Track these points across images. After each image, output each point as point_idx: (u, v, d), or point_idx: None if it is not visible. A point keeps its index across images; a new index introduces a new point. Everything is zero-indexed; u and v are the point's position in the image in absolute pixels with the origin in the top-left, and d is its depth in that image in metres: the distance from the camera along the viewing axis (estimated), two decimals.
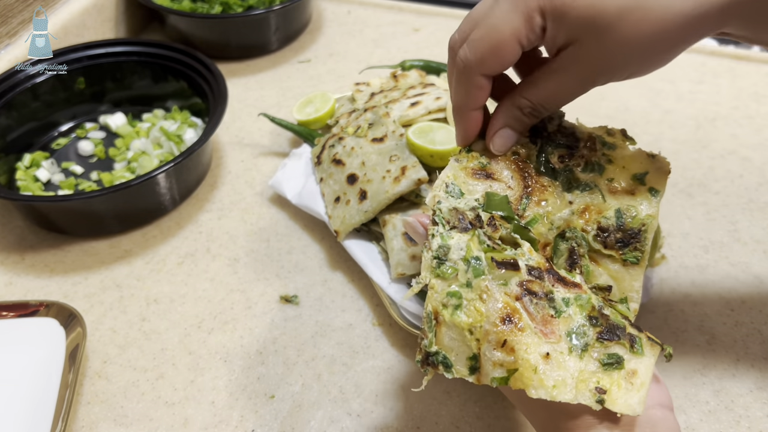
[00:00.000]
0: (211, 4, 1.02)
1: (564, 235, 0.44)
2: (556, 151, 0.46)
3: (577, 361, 0.38)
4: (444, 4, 1.13)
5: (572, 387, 0.37)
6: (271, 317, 0.65)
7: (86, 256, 0.71)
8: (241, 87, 0.96)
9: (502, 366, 0.38)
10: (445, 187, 0.44)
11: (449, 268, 0.40)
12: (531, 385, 0.37)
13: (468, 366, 0.39)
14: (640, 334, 0.40)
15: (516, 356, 0.37)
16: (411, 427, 0.56)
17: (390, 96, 0.77)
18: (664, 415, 0.40)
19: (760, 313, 0.64)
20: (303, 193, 0.73)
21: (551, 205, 0.45)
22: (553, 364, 0.37)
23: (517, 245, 0.42)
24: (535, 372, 0.37)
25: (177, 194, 0.75)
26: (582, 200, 0.45)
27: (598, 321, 0.39)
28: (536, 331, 0.38)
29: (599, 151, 0.46)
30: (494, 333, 0.38)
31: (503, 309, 0.38)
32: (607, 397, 0.37)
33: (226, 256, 0.71)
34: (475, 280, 0.40)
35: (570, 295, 0.40)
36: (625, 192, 0.44)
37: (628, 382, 0.38)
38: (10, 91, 0.79)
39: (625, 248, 0.43)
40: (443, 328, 0.39)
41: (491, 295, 0.39)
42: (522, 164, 0.46)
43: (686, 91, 0.93)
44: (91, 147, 0.83)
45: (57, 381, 0.54)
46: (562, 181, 0.45)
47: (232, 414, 0.57)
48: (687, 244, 0.71)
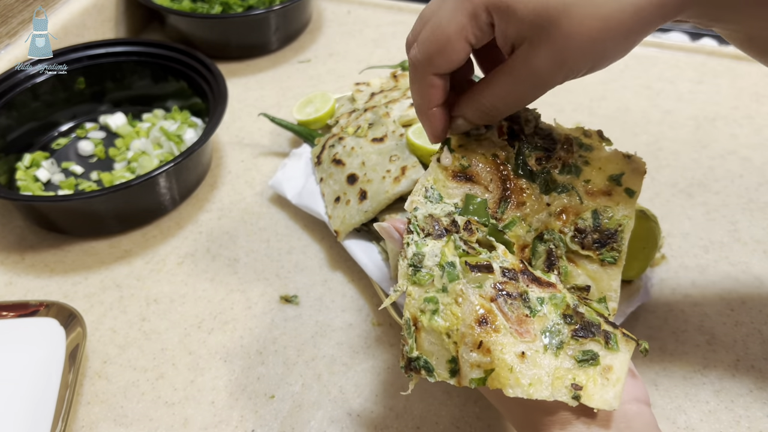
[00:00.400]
0: (211, 4, 1.02)
1: (542, 237, 0.45)
2: (533, 153, 0.47)
3: (553, 359, 0.39)
4: None
5: (548, 384, 0.38)
6: (271, 317, 0.65)
7: (86, 256, 0.71)
8: (241, 87, 0.96)
9: (479, 367, 0.38)
10: (425, 192, 0.45)
11: (425, 275, 0.41)
12: (507, 384, 0.37)
13: (448, 369, 0.40)
14: (615, 331, 0.40)
15: (492, 357, 0.38)
16: (411, 427, 0.56)
17: (390, 96, 0.77)
18: (640, 409, 0.40)
19: (760, 313, 0.64)
20: (303, 193, 0.73)
21: (529, 207, 0.45)
22: (528, 362, 0.38)
23: (493, 248, 0.43)
24: (511, 371, 0.37)
25: (177, 194, 0.75)
26: (559, 202, 0.45)
27: (572, 319, 0.40)
28: (511, 330, 0.39)
29: (576, 153, 0.47)
30: (470, 335, 0.39)
31: (478, 311, 0.39)
32: (583, 393, 0.37)
33: (226, 256, 0.71)
34: (450, 285, 0.40)
35: (545, 295, 0.41)
36: (602, 193, 0.45)
37: (603, 377, 0.38)
38: (10, 91, 0.79)
39: (602, 248, 0.44)
40: (422, 334, 0.40)
41: (466, 298, 0.40)
42: (501, 167, 0.46)
43: (686, 91, 0.93)
44: (91, 147, 0.83)
45: (57, 381, 0.54)
46: (540, 183, 0.46)
47: (232, 414, 0.57)
48: (687, 244, 0.71)
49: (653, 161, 0.81)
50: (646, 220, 0.60)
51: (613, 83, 0.93)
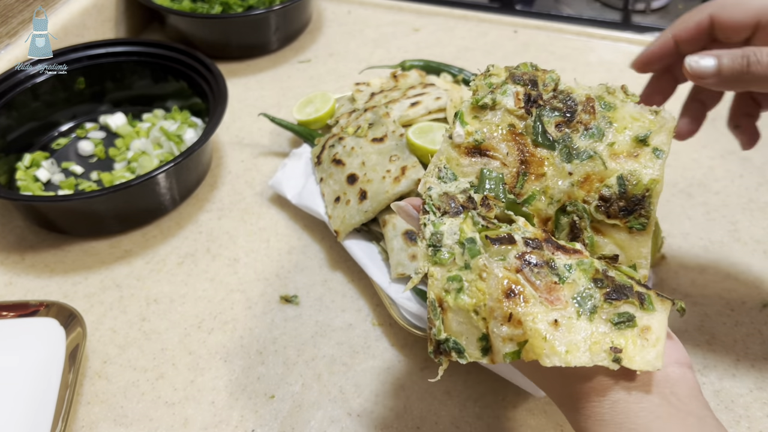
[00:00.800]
0: (211, 4, 1.02)
1: (565, 209, 0.43)
2: (553, 119, 0.44)
3: (588, 324, 0.37)
4: (444, 4, 1.13)
5: (585, 350, 0.36)
6: (271, 317, 0.65)
7: (86, 256, 0.71)
8: (241, 87, 0.96)
9: (512, 340, 0.37)
10: (438, 172, 0.43)
11: (446, 254, 0.40)
12: (543, 353, 0.36)
13: (480, 347, 0.38)
14: (648, 291, 0.39)
15: (524, 328, 0.36)
16: (411, 427, 0.56)
17: (390, 96, 0.77)
18: (683, 372, 0.38)
19: (760, 313, 0.64)
20: (303, 193, 0.73)
21: (550, 178, 0.43)
22: (563, 330, 0.36)
23: (513, 221, 0.42)
24: (545, 340, 0.36)
25: (177, 194, 0.75)
26: (582, 169, 0.43)
27: (603, 283, 0.38)
28: (541, 300, 0.37)
29: (599, 114, 0.44)
30: (499, 309, 0.37)
31: (504, 283, 0.38)
32: (623, 355, 0.36)
33: (226, 256, 0.71)
34: (472, 261, 0.39)
35: (572, 261, 0.39)
36: (628, 155, 0.42)
37: (642, 338, 0.37)
38: (10, 91, 0.79)
39: (629, 216, 0.42)
40: (449, 314, 0.39)
41: (490, 272, 0.38)
42: (518, 137, 0.44)
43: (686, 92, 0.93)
44: (91, 147, 0.83)
45: (57, 381, 0.54)
46: (561, 151, 0.43)
47: (232, 414, 0.57)
48: (687, 244, 0.71)
49: None
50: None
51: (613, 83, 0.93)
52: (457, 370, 0.60)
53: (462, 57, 1.00)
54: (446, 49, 1.03)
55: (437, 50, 1.03)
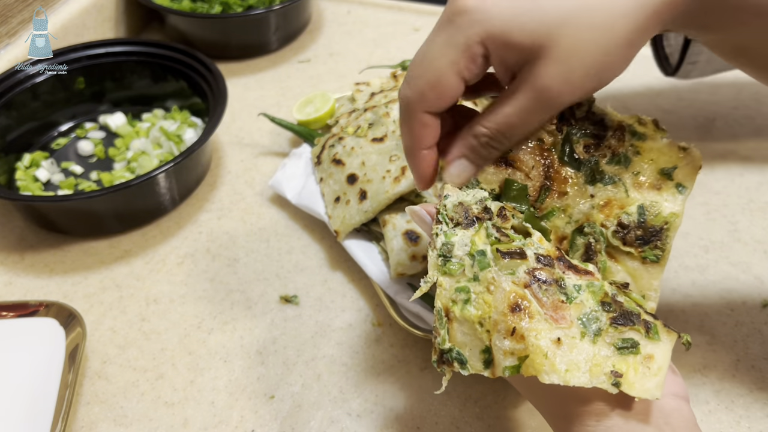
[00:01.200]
0: (211, 3, 1.02)
1: (582, 229, 0.43)
2: (582, 139, 0.44)
3: (591, 346, 0.37)
4: (444, 4, 1.13)
5: (586, 371, 0.36)
6: (271, 317, 0.65)
7: (86, 256, 0.71)
8: (241, 87, 0.96)
9: (513, 354, 0.37)
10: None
11: (455, 264, 0.40)
12: (543, 370, 0.36)
13: (482, 360, 0.38)
14: (655, 321, 0.39)
15: (526, 343, 0.37)
16: (411, 427, 0.56)
17: (390, 96, 0.77)
18: (679, 405, 0.39)
19: (760, 313, 0.64)
20: (303, 193, 0.73)
21: (571, 198, 0.44)
22: (565, 348, 0.36)
23: (529, 234, 0.42)
24: (546, 357, 0.36)
25: (177, 194, 0.75)
26: (604, 194, 0.43)
27: (611, 307, 0.38)
28: (546, 317, 0.37)
29: (627, 142, 0.44)
30: (503, 322, 0.37)
31: (511, 297, 0.38)
32: (623, 380, 0.36)
33: (226, 256, 0.71)
34: (481, 273, 0.39)
35: (582, 282, 0.39)
36: (651, 187, 0.43)
37: (644, 366, 0.37)
38: (10, 91, 0.79)
39: (645, 246, 0.42)
40: (455, 324, 0.39)
41: (498, 285, 0.38)
42: (545, 152, 0.44)
43: (686, 91, 0.93)
44: (90, 147, 0.83)
45: (57, 381, 0.54)
46: (586, 173, 0.44)
47: (232, 414, 0.57)
48: (687, 244, 0.71)
49: None
50: None
51: (612, 83, 0.93)
52: None
53: None
54: None
55: None
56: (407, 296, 0.61)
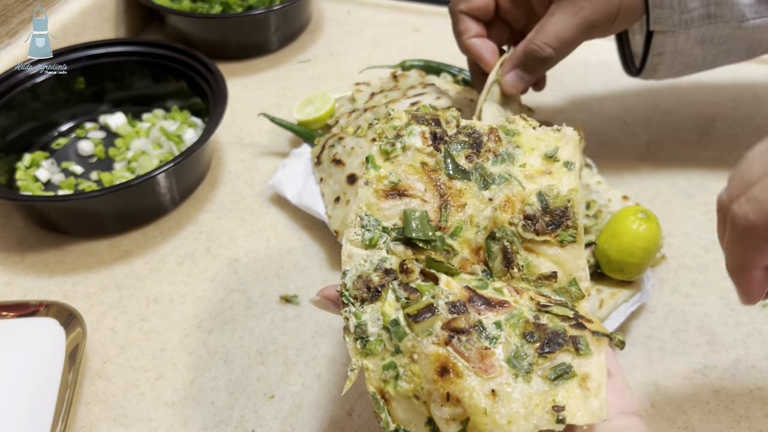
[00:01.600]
0: (211, 4, 1.02)
1: (494, 235, 0.43)
2: (462, 152, 0.45)
3: (525, 387, 0.36)
4: (444, 4, 1.13)
5: (528, 415, 0.35)
6: (271, 317, 0.65)
7: (86, 256, 0.71)
8: (241, 87, 0.96)
9: (454, 420, 0.36)
10: (360, 221, 0.43)
11: (374, 343, 0.39)
12: (487, 429, 0.35)
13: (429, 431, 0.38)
14: (582, 333, 0.38)
15: (463, 405, 0.36)
16: None
17: (390, 96, 0.77)
18: (630, 423, 0.36)
19: (760, 313, 0.64)
20: (303, 193, 0.73)
21: (471, 207, 0.43)
22: (501, 399, 0.35)
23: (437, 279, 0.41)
24: (486, 415, 0.35)
25: (177, 194, 0.75)
26: (501, 194, 0.43)
27: (534, 336, 0.37)
28: (475, 370, 0.36)
29: (504, 140, 0.45)
30: (435, 390, 0.36)
31: (435, 361, 0.37)
32: (566, 413, 0.35)
33: (226, 256, 0.71)
34: (400, 344, 0.38)
35: (501, 317, 0.38)
36: (542, 173, 0.43)
37: (583, 389, 0.36)
38: (10, 91, 0.79)
39: (558, 229, 0.42)
40: (393, 403, 0.38)
41: (421, 351, 0.37)
42: (432, 173, 0.44)
43: (686, 92, 0.93)
44: (91, 147, 0.83)
45: (57, 381, 0.54)
46: (477, 180, 0.44)
47: (232, 414, 0.57)
48: (687, 244, 0.71)
49: (653, 161, 0.81)
50: (646, 220, 0.60)
51: (613, 83, 0.93)
52: None
53: (462, 57, 1.00)
54: (446, 49, 1.03)
55: (437, 50, 1.02)
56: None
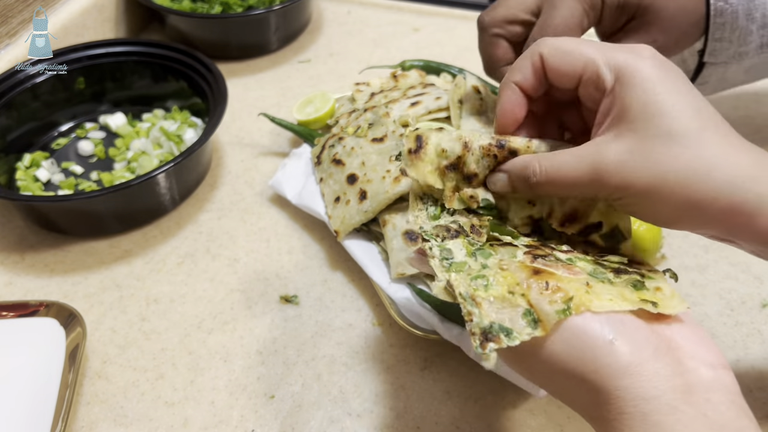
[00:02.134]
0: (211, 4, 1.02)
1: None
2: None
3: (612, 287, 0.39)
4: (444, 4, 1.13)
5: (622, 301, 0.38)
6: (271, 317, 0.65)
7: (86, 256, 0.71)
8: (241, 87, 0.96)
9: (557, 301, 0.37)
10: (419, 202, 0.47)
11: (459, 264, 0.41)
12: (591, 303, 0.37)
13: (528, 321, 0.37)
14: (640, 268, 0.42)
15: (563, 289, 0.38)
16: (411, 427, 0.56)
17: (390, 96, 0.77)
18: (717, 375, 0.35)
19: (760, 313, 0.64)
20: (303, 193, 0.73)
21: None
22: (596, 288, 0.38)
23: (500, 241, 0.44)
24: (588, 293, 0.37)
25: (177, 194, 0.75)
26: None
27: (604, 265, 0.42)
28: (564, 274, 0.39)
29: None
30: (533, 282, 0.38)
31: (525, 269, 0.39)
32: (657, 303, 0.38)
33: (226, 256, 0.71)
34: (487, 261, 0.41)
35: (571, 256, 0.43)
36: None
37: (660, 294, 0.39)
38: (10, 91, 0.79)
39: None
40: (484, 305, 0.38)
41: (509, 264, 0.40)
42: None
43: None
44: (91, 147, 0.83)
45: (57, 381, 0.54)
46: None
47: (232, 414, 0.57)
48: (687, 244, 0.71)
49: None
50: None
51: None
52: (458, 369, 0.60)
53: (462, 57, 1.00)
54: (446, 49, 1.03)
55: (437, 50, 1.03)
56: (407, 296, 0.61)
